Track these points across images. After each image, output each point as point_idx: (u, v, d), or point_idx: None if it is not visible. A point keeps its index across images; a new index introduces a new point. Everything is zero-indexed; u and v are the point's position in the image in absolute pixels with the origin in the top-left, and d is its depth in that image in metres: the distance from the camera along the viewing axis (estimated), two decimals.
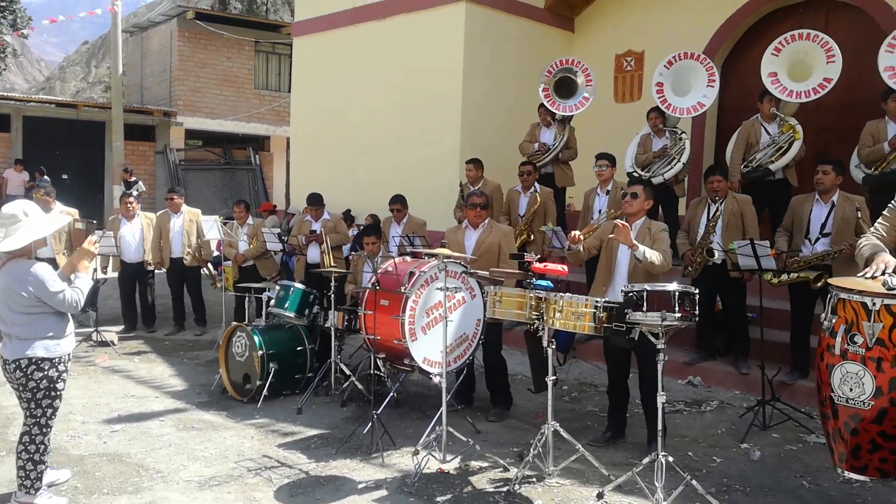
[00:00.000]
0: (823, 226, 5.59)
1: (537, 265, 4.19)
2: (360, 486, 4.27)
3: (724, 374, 6.36)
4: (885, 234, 3.32)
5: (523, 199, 7.43)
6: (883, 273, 3.01)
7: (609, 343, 4.55)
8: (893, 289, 2.89)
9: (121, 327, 8.58)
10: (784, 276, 5.61)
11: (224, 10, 22.86)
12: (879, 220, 3.39)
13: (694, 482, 3.89)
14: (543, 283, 4.18)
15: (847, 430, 3.03)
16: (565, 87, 8.41)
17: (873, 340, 2.92)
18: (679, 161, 7.40)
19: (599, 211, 6.85)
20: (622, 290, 3.96)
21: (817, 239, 5.63)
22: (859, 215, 5.35)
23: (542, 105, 8.36)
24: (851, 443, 3.03)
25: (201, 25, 18.75)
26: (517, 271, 4.47)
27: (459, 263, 4.96)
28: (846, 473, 3.10)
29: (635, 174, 7.57)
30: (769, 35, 8.89)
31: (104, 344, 7.75)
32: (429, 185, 9.56)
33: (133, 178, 13.79)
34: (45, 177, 15.08)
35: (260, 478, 4.37)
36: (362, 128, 10.81)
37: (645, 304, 3.78)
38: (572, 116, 8.33)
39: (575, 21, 10.86)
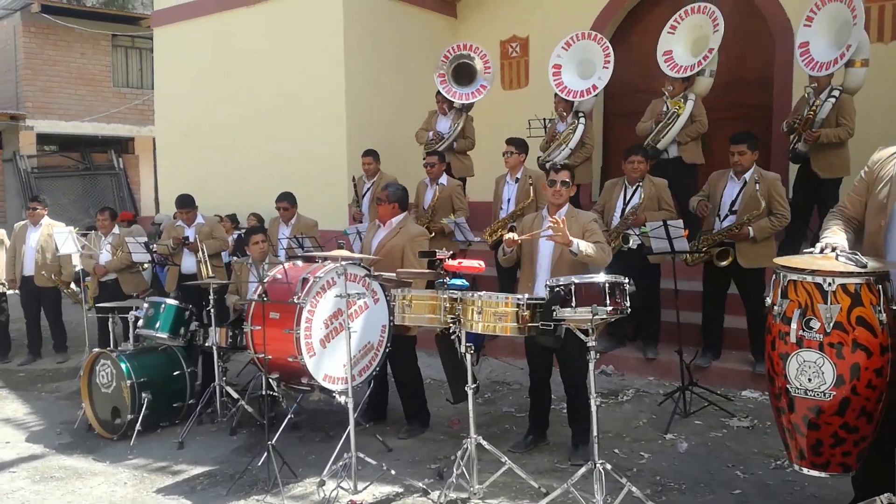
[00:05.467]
0: (733, 203, 5.43)
1: (450, 262, 3.72)
2: None
3: (636, 360, 6.18)
4: (848, 206, 3.09)
5: (429, 191, 6.91)
6: (833, 250, 2.76)
7: (532, 342, 4.16)
8: (864, 266, 2.62)
9: None
10: (696, 255, 5.45)
11: (76, 3, 20.88)
12: (850, 190, 3.15)
13: (634, 489, 3.57)
14: (458, 282, 3.72)
15: (805, 423, 2.76)
16: (465, 73, 7.99)
17: (831, 324, 2.65)
18: (566, 146, 7.06)
19: (508, 200, 6.46)
20: (546, 285, 3.56)
21: (726, 216, 5.47)
22: (758, 188, 5.21)
23: (438, 92, 7.91)
24: (811, 438, 2.76)
25: (49, 19, 16.98)
26: (427, 271, 3.98)
27: (360, 265, 4.42)
28: (805, 470, 2.83)
29: (540, 161, 7.26)
30: (649, 18, 8.88)
31: None
32: (315, 181, 8.89)
33: None
34: None
35: None
36: (236, 123, 9.94)
37: (573, 298, 3.40)
38: (472, 105, 7.93)
39: (457, 6, 10.48)
